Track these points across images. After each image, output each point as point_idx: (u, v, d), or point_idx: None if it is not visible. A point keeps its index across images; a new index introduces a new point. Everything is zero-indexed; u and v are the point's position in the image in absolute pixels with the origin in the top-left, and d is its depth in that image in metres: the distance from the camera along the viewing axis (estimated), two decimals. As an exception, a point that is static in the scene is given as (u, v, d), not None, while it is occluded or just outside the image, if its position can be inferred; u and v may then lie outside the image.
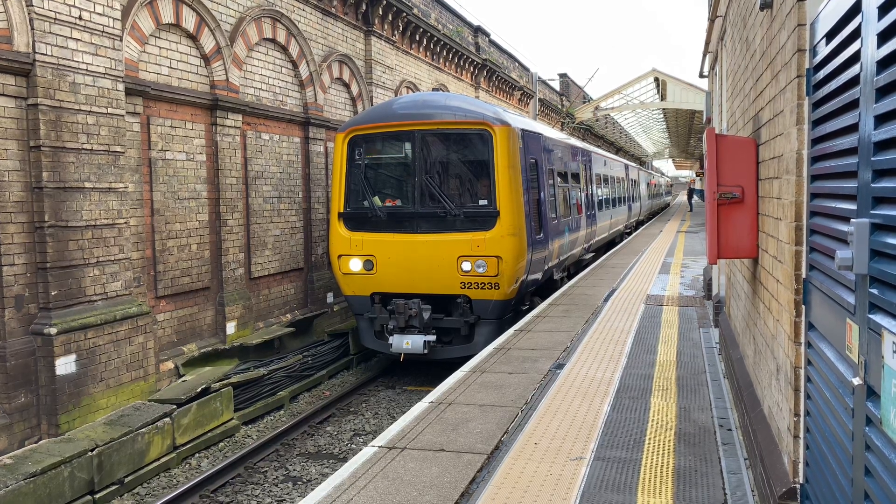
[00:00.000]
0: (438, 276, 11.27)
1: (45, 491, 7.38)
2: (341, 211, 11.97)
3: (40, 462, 7.49)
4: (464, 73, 25.13)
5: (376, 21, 17.42)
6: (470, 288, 11.27)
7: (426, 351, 11.29)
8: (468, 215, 11.30)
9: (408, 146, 11.66)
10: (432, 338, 11.38)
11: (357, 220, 11.89)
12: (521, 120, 12.82)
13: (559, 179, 15.04)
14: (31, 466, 7.39)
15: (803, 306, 3.44)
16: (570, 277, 16.88)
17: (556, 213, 14.11)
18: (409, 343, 11.32)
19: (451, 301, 11.57)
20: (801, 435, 3.44)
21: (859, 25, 2.37)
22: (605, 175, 23.36)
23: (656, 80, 39.89)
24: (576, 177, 17.53)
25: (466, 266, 11.13)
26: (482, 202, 11.43)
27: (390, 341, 11.53)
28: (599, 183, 21.66)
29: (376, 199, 11.89)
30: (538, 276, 12.66)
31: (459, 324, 11.49)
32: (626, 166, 31.92)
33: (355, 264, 11.71)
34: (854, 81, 2.49)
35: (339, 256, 11.88)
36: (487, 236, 11.07)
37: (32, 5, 8.07)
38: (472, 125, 11.31)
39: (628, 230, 32.36)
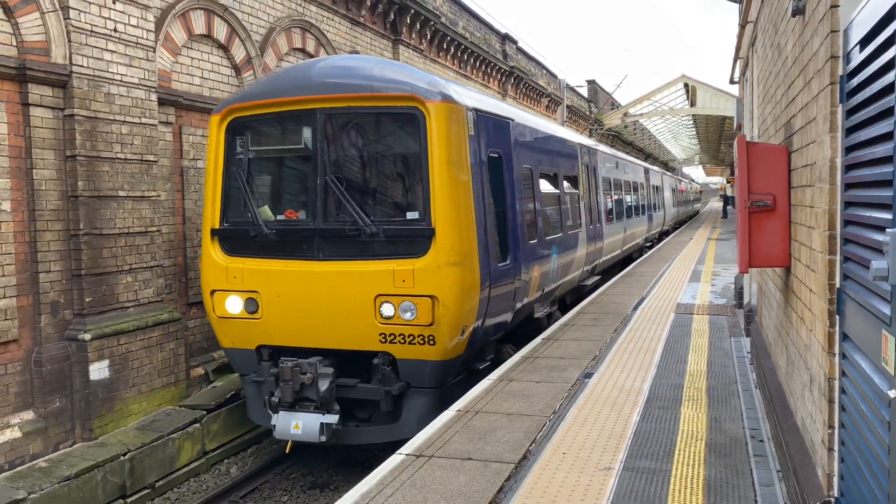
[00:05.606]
0: (348, 323, 7.66)
1: (79, 494, 7.51)
2: (215, 227, 8.29)
3: (74, 466, 7.63)
4: (491, 80, 25.16)
5: (404, 30, 17.53)
6: (394, 342, 7.59)
7: (324, 438, 7.67)
8: (391, 235, 7.61)
9: (308, 133, 8.01)
10: (333, 418, 7.73)
11: (238, 240, 8.21)
12: (479, 97, 9.13)
13: (544, 183, 11.40)
14: (66, 470, 7.53)
15: (837, 316, 3.39)
16: (567, 309, 13.23)
17: (538, 228, 10.44)
18: (298, 426, 7.71)
19: (368, 361, 7.81)
20: (836, 447, 3.38)
21: (895, 32, 2.33)
22: (617, 179, 19.59)
23: (686, 85, 39.58)
24: (572, 180, 13.72)
25: (388, 310, 7.50)
26: (411, 215, 7.71)
27: (273, 422, 7.89)
28: (608, 189, 17.96)
29: (264, 211, 8.30)
30: (505, 318, 8.99)
31: (378, 395, 7.77)
32: (647, 170, 27.97)
33: (234, 304, 8.09)
34: (889, 89, 2.46)
35: (213, 292, 8.20)
36: (417, 266, 7.38)
37: (69, 18, 8.27)
38: (396, 100, 7.65)
39: (649, 243, 27.98)
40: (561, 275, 11.91)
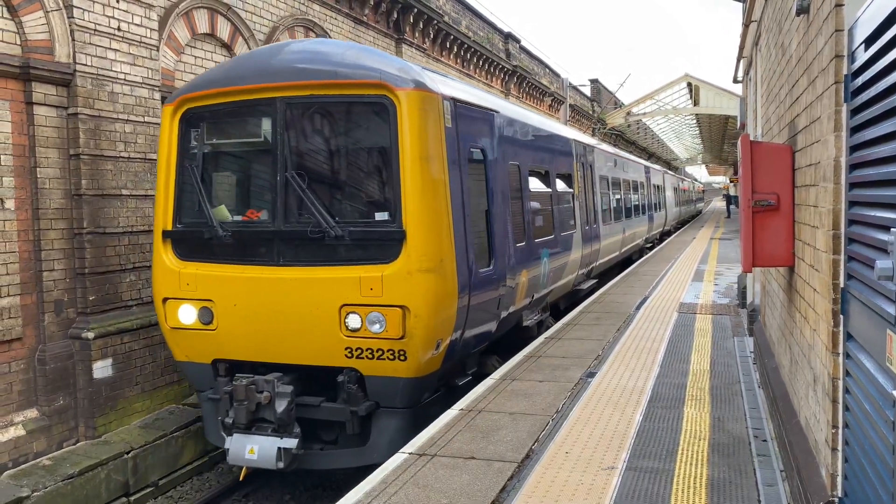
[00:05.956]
0: (310, 336, 6.99)
1: (83, 492, 7.53)
2: (167, 229, 7.60)
3: (78, 464, 7.65)
4: (494, 79, 25.15)
5: (407, 29, 17.53)
6: (361, 357, 6.90)
7: (282, 464, 6.90)
8: (358, 238, 6.90)
9: (267, 124, 7.33)
10: (293, 442, 6.94)
11: (191, 243, 7.55)
12: (459, 86, 8.39)
13: (534, 181, 10.71)
14: (69, 468, 7.55)
15: (841, 316, 3.38)
16: (560, 315, 12.26)
17: (526, 230, 9.77)
18: (254, 450, 6.95)
19: (335, 377, 7.10)
20: (840, 447, 3.37)
21: (899, 31, 2.33)
22: (616, 178, 18.83)
23: (689, 85, 39.53)
24: (566, 179, 12.97)
25: (354, 322, 6.82)
26: (380, 216, 7.02)
27: (227, 445, 7.10)
28: (606, 188, 17.16)
29: (221, 211, 7.58)
30: (488, 328, 8.26)
31: (343, 415, 7.03)
32: (647, 168, 27.24)
33: (187, 314, 7.42)
34: (894, 88, 2.45)
35: (165, 300, 7.53)
36: (386, 272, 6.71)
37: (73, 17, 8.28)
38: (363, 88, 6.94)
39: (650, 244, 27.10)
40: (553, 279, 11.26)
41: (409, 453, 5.57)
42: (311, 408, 7.14)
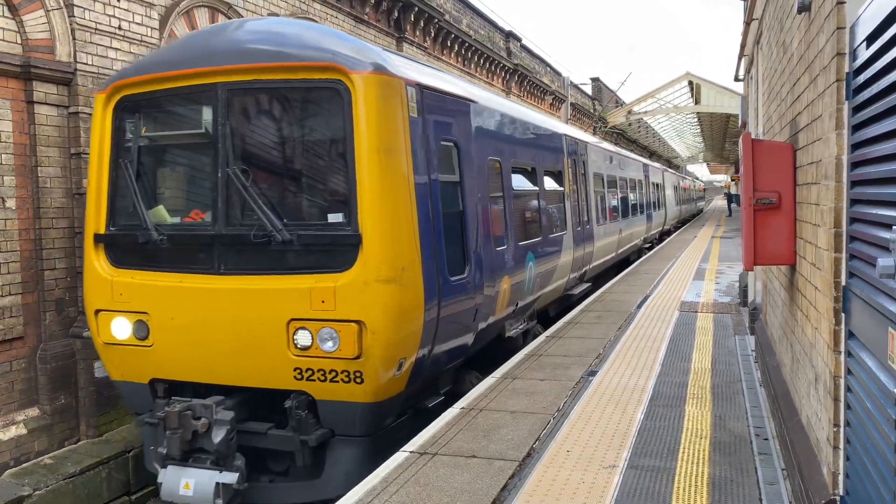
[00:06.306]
0: (255, 354, 6.20)
1: (84, 491, 7.54)
2: (100, 232, 6.84)
3: (79, 463, 7.66)
4: (495, 77, 25.14)
5: (408, 27, 17.53)
6: (312, 379, 6.10)
7: (221, 501, 6.07)
8: (308, 243, 6.12)
9: (208, 113, 6.50)
10: (233, 476, 6.11)
11: (126, 247, 6.76)
12: (428, 71, 7.58)
13: (518, 179, 9.90)
14: (71, 467, 7.56)
15: (843, 314, 3.38)
16: (550, 322, 11.53)
17: (508, 232, 8.97)
18: (189, 485, 6.14)
19: (284, 400, 6.25)
20: (841, 446, 3.37)
21: (901, 29, 2.32)
22: (612, 176, 18.01)
23: (690, 83, 39.55)
24: (556, 176, 12.15)
25: (304, 338, 6.04)
26: (334, 218, 6.22)
27: (160, 478, 6.30)
28: (601, 186, 16.29)
29: (158, 212, 6.79)
30: (463, 341, 7.45)
31: (292, 445, 6.22)
32: (645, 166, 26.43)
33: (121, 327, 6.64)
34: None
35: (97, 312, 6.77)
36: (340, 282, 5.92)
37: (74, 16, 8.27)
38: (313, 71, 6.11)
39: (648, 244, 26.27)
40: (540, 285, 10.48)
41: (410, 452, 5.57)
42: (258, 435, 6.34)
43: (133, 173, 6.74)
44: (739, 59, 13.31)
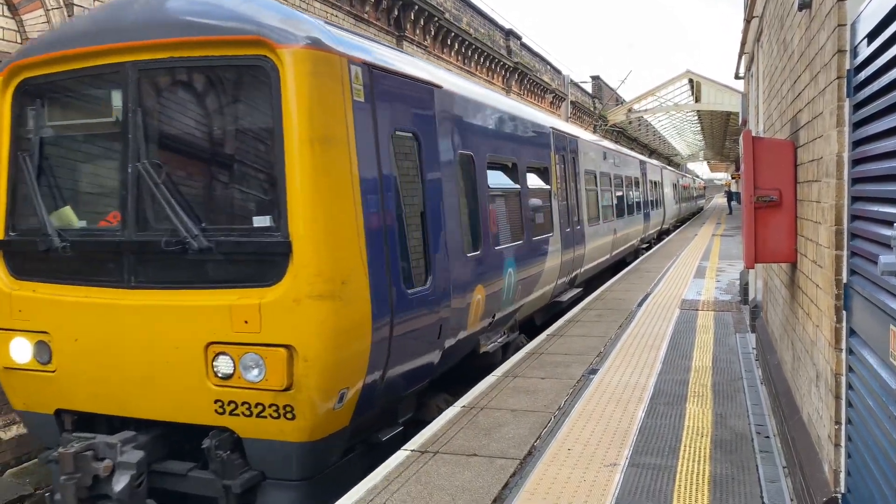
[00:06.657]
0: (169, 383, 5.28)
1: (85, 490, 7.53)
2: None
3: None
4: (495, 76, 25.13)
5: (408, 26, 17.53)
6: (235, 413, 5.16)
7: None
8: (228, 251, 5.18)
9: (118, 98, 5.55)
10: None
11: (28, 256, 5.83)
12: (378, 49, 6.48)
13: (495, 176, 8.90)
14: (72, 466, 7.55)
15: (844, 312, 3.38)
16: (540, 330, 10.67)
17: (482, 235, 8.00)
18: None
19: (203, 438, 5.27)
20: (843, 443, 3.37)
21: (902, 26, 2.32)
22: (606, 173, 16.98)
23: (690, 81, 39.56)
24: (542, 173, 11.18)
25: (225, 366, 5.11)
26: (259, 221, 5.20)
27: None
28: (594, 184, 15.32)
29: (64, 214, 5.86)
30: (426, 361, 6.53)
31: (213, 490, 5.23)
32: (643, 163, 25.44)
33: (21, 349, 5.71)
34: (897, 83, 2.44)
35: None
36: (266, 299, 4.99)
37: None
38: (234, 46, 5.16)
39: (646, 244, 25.39)
40: (522, 293, 9.51)
41: (412, 450, 5.58)
42: (177, 477, 5.37)
43: (34, 169, 5.72)
44: (740, 56, 13.30)
